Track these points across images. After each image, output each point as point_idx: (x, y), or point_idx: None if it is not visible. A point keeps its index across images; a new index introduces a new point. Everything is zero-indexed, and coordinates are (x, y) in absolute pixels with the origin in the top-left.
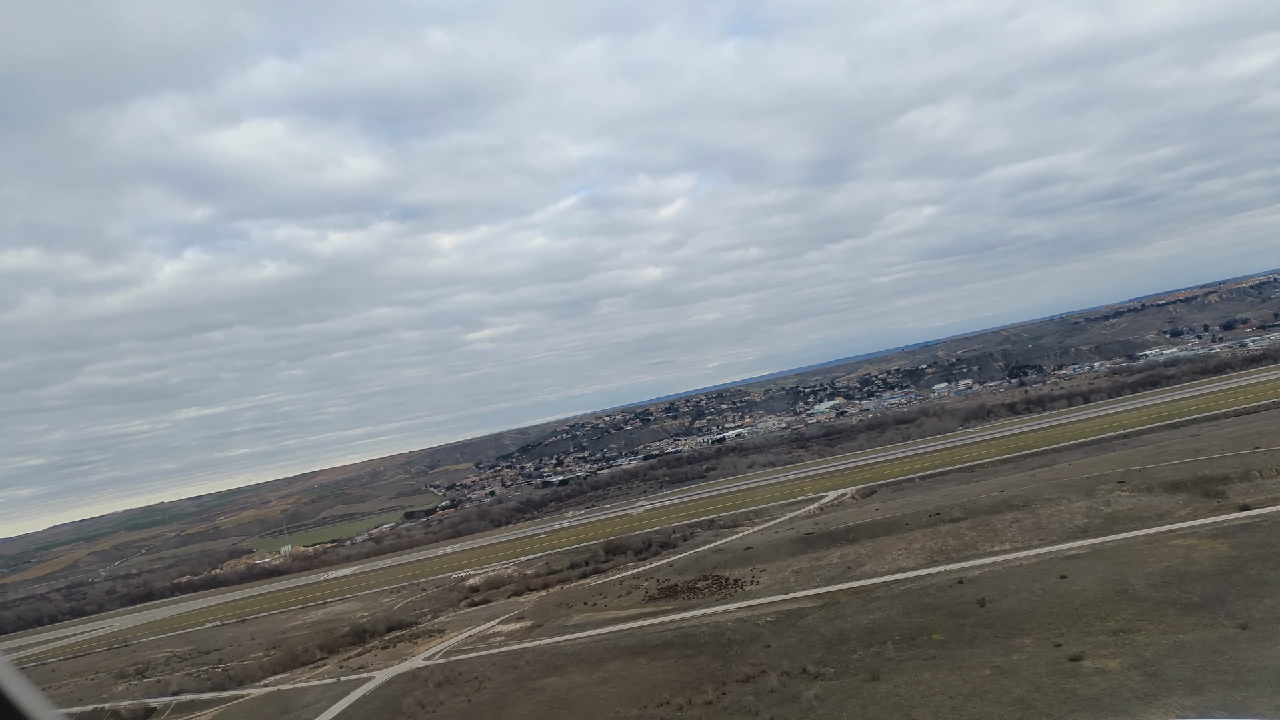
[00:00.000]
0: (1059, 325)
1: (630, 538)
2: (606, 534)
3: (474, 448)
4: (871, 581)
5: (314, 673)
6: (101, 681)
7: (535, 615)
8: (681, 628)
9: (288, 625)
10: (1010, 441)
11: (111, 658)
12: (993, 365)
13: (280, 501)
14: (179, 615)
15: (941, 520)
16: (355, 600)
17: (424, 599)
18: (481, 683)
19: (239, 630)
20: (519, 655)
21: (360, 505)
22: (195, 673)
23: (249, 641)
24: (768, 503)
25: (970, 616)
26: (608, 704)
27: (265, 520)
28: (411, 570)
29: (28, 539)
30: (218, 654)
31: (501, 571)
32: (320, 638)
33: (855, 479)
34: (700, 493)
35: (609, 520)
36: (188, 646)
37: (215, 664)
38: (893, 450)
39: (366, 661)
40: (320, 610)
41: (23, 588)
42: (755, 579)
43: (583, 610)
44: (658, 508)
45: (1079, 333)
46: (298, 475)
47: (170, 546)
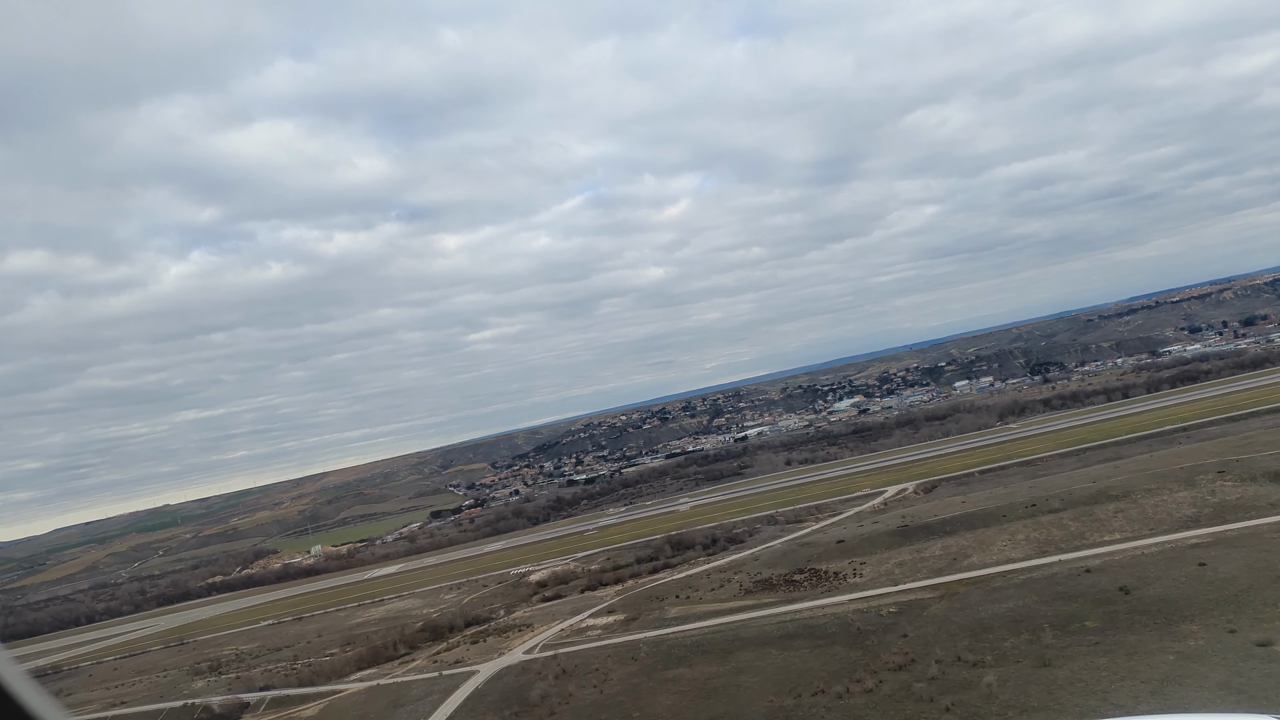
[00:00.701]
0: (1070, 323)
1: (693, 533)
2: (660, 530)
3: (487, 448)
4: (985, 572)
5: (405, 667)
6: (176, 678)
7: (626, 609)
8: (798, 619)
9: (351, 622)
10: (1062, 436)
11: (173, 655)
12: (1013, 362)
13: (293, 503)
14: (226, 614)
15: (1039, 511)
16: (415, 597)
17: (489, 595)
18: (604, 674)
19: (301, 628)
20: (631, 647)
21: (380, 505)
22: (274, 669)
23: (317, 639)
24: (825, 498)
25: (1119, 604)
26: (757, 693)
27: (283, 521)
28: (464, 567)
29: (34, 542)
30: (289, 651)
31: (562, 567)
32: (394, 633)
33: (910, 474)
34: (744, 490)
35: (656, 517)
36: (252, 644)
37: (291, 660)
38: (937, 446)
39: (459, 656)
40: (380, 607)
41: (44, 589)
42: (857, 571)
43: (677, 603)
44: (703, 504)
45: (1093, 330)
46: (306, 477)
47: (189, 548)
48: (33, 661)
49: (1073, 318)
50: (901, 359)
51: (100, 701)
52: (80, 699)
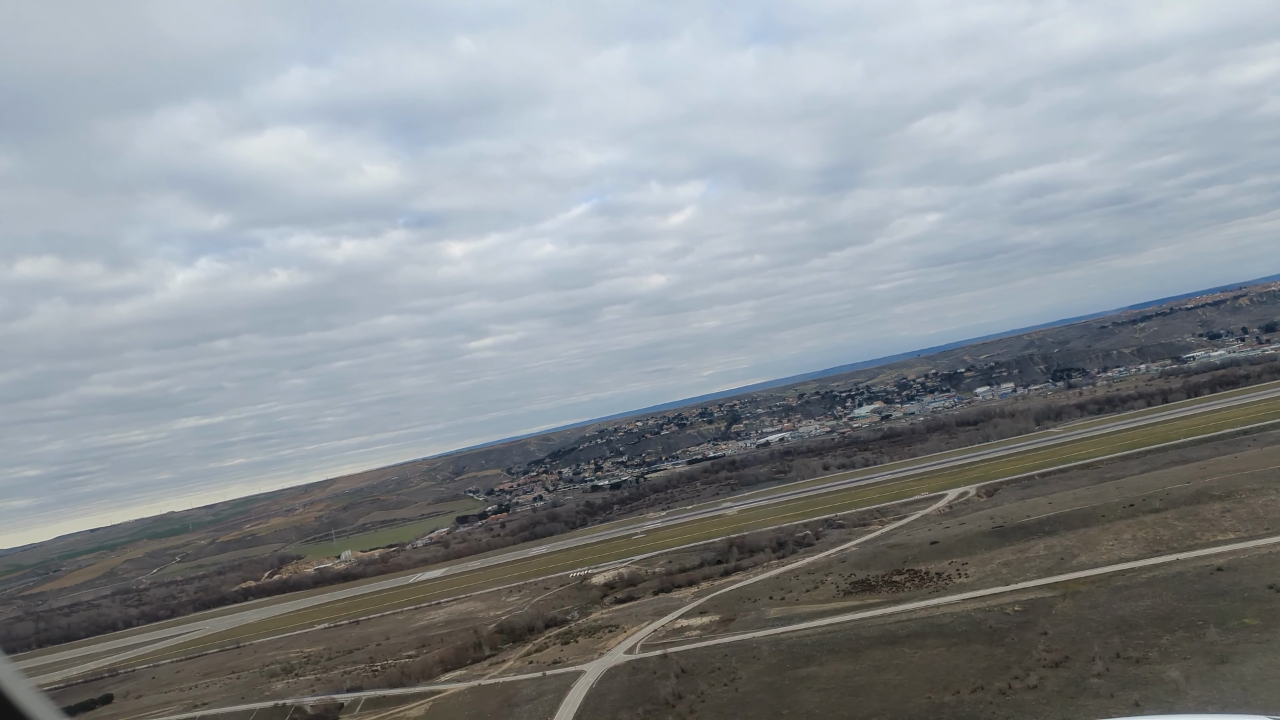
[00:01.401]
0: (1082, 330)
1: (755, 536)
2: (713, 534)
3: (499, 454)
4: (1100, 571)
5: (498, 668)
6: (251, 680)
7: (717, 610)
8: (917, 618)
9: (416, 625)
10: (1116, 439)
11: (233, 658)
12: (1033, 368)
13: (306, 509)
14: (274, 618)
15: (1139, 512)
16: (474, 600)
17: (554, 597)
18: (730, 673)
19: (361, 631)
20: (746, 646)
21: (399, 511)
22: (352, 670)
23: (385, 641)
24: (882, 502)
25: (1274, 602)
26: (909, 690)
27: (301, 527)
28: (515, 571)
29: (39, 549)
30: (361, 653)
31: (625, 570)
32: (469, 635)
33: (965, 478)
34: (788, 494)
35: (704, 521)
36: (315, 647)
37: (369, 662)
38: (980, 450)
39: (554, 656)
40: (439, 610)
41: (64, 595)
42: (960, 572)
43: (772, 604)
44: (750, 509)
45: (1108, 336)
46: (314, 483)
47: (207, 554)
48: (81, 666)
49: (1083, 324)
50: (904, 367)
51: (179, 703)
52: (154, 701)
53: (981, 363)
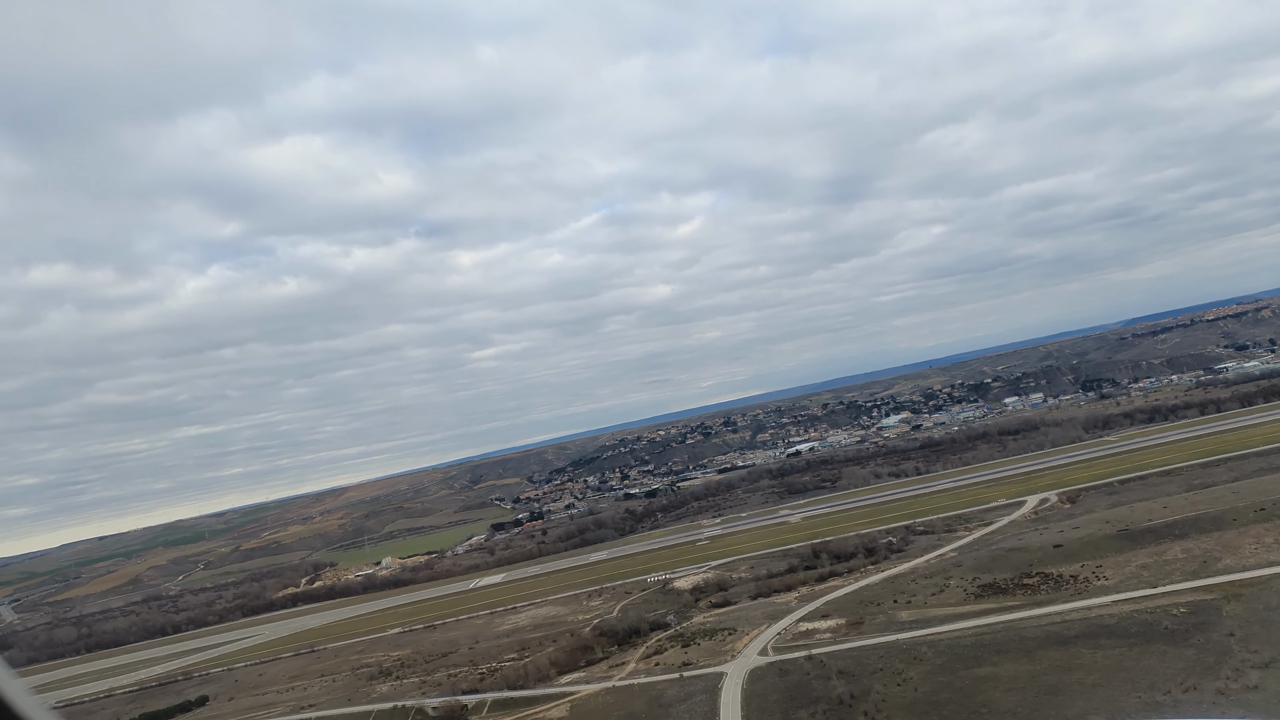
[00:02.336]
0: (1098, 341)
1: (840, 542)
2: (786, 540)
3: (516, 463)
4: (1258, 574)
5: (621, 670)
6: (350, 682)
7: (841, 613)
8: (1075, 619)
9: (500, 628)
10: (1190, 447)
11: (313, 661)
12: (1061, 379)
13: (324, 518)
14: (337, 623)
15: (1272, 516)
16: (553, 605)
17: (641, 601)
18: (896, 674)
19: (442, 635)
20: (897, 648)
21: (425, 519)
22: (456, 673)
23: (476, 644)
24: (958, 509)
25: None
26: (1111, 690)
27: (325, 535)
28: (582, 576)
29: (50, 555)
30: (457, 656)
31: (706, 575)
32: (569, 638)
33: (1038, 485)
34: (848, 502)
35: (768, 528)
36: (400, 650)
37: (471, 665)
38: (1041, 458)
39: (680, 658)
40: (518, 615)
41: (91, 602)
42: (1098, 575)
43: (901, 608)
44: (815, 516)
45: (1128, 348)
46: (326, 491)
47: (232, 561)
48: (147, 670)
49: (1099, 336)
50: (919, 378)
51: (283, 704)
52: (251, 703)
53: (1003, 373)
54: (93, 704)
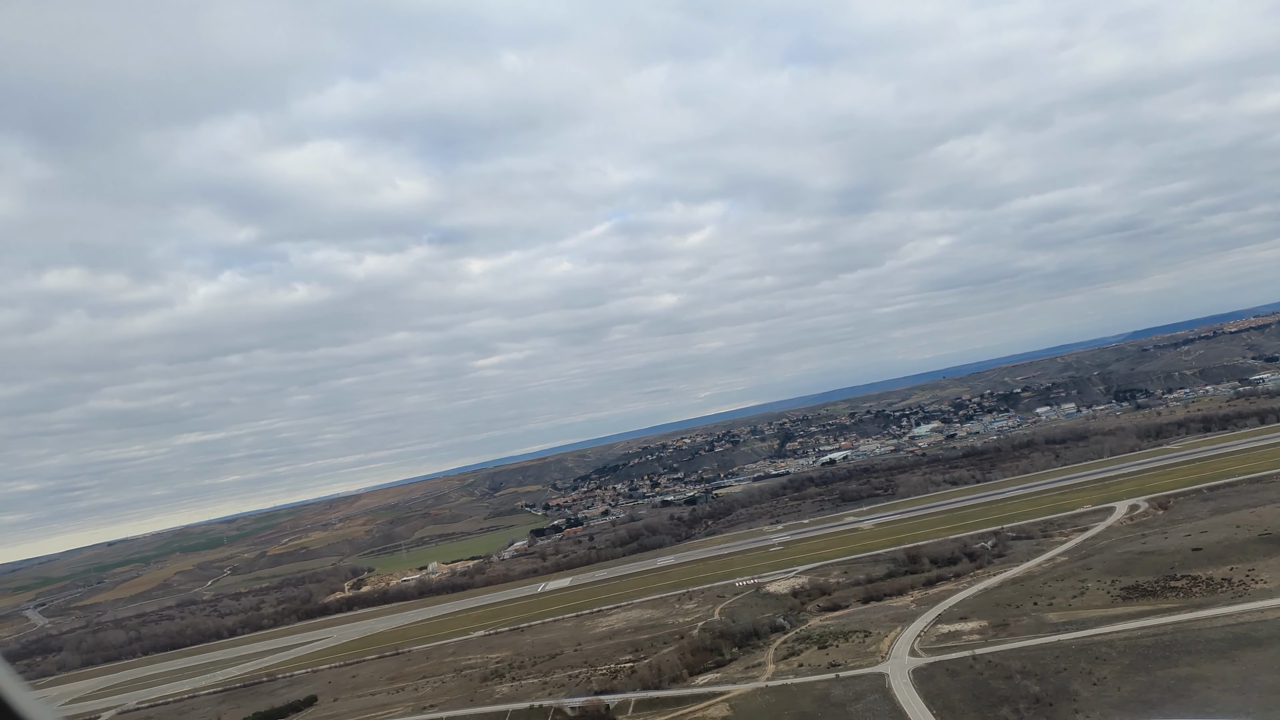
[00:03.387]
0: (1116, 353)
1: (937, 546)
2: (869, 546)
3: (536, 470)
4: None
5: (762, 670)
6: (462, 683)
7: (981, 615)
8: (1253, 620)
9: (596, 630)
10: (1269, 455)
11: (405, 663)
12: (1092, 389)
13: (346, 524)
14: (411, 626)
15: None
16: (643, 608)
17: (739, 605)
18: (1085, 673)
19: (534, 637)
20: (1069, 647)
21: (454, 525)
22: (575, 674)
23: (580, 647)
24: (1041, 515)
25: None
26: None
27: (353, 541)
28: (659, 580)
29: (56, 561)
30: (564, 658)
31: (800, 581)
32: (676, 641)
33: (1119, 492)
34: (917, 509)
35: (841, 534)
36: (498, 653)
37: (586, 666)
38: (1110, 466)
39: (821, 660)
40: (608, 617)
41: (126, 606)
42: (1253, 578)
43: (1043, 610)
44: (886, 522)
45: (1150, 359)
46: (337, 498)
47: (260, 566)
48: (224, 671)
49: (1117, 348)
50: (936, 387)
51: (401, 704)
52: (360, 704)
53: (1022, 384)
54: (177, 704)
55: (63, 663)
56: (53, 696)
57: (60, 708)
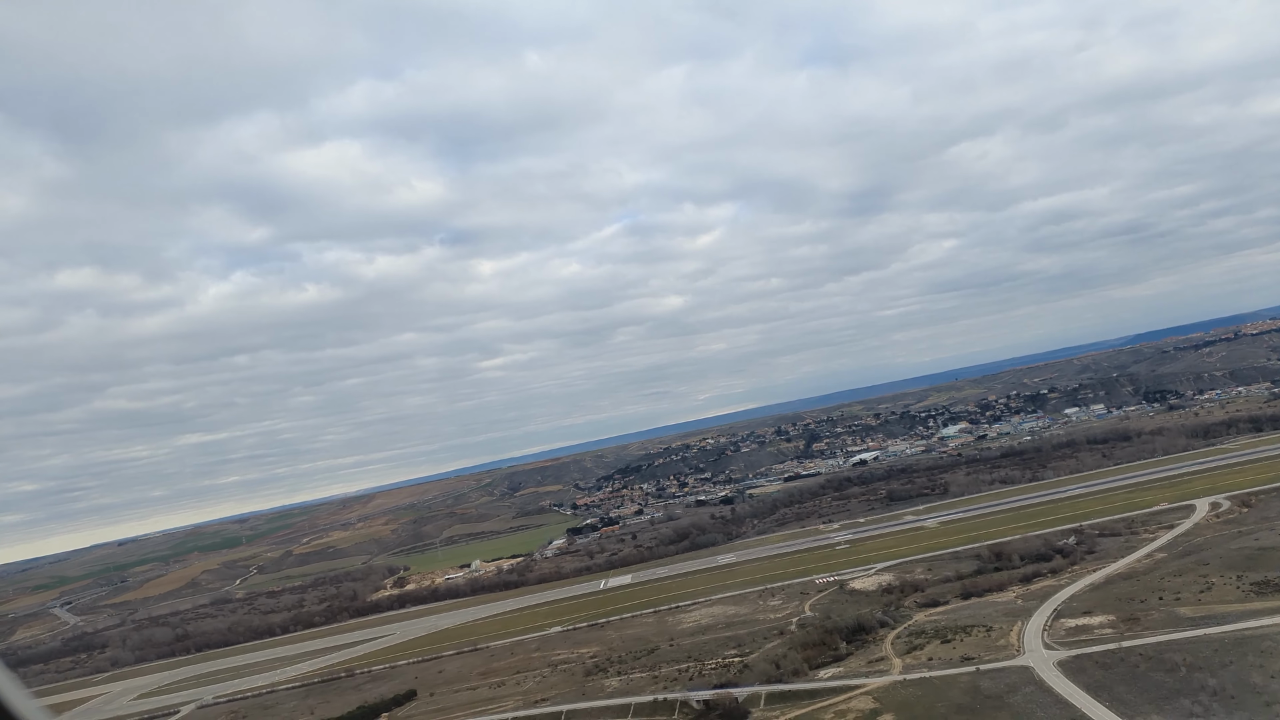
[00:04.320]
0: (1132, 355)
1: (1024, 542)
2: (942, 545)
3: (556, 470)
4: None
5: (890, 664)
6: (564, 677)
7: (1108, 610)
8: None
9: (683, 626)
10: None
11: (490, 659)
12: (1120, 390)
13: (368, 524)
14: (475, 623)
15: None
16: (725, 604)
17: (829, 600)
18: (1258, 667)
19: (617, 633)
20: (1216, 640)
21: (482, 525)
22: (685, 668)
23: (674, 642)
24: (1120, 513)
25: None
26: None
27: (380, 540)
28: (730, 577)
29: (70, 560)
30: (664, 653)
31: (883, 578)
32: (776, 636)
33: (1192, 490)
34: (979, 508)
35: (906, 533)
36: (587, 648)
37: (696, 661)
38: (1171, 464)
39: (949, 654)
40: (688, 614)
41: (158, 604)
42: None
43: (1170, 604)
44: (951, 520)
45: (1171, 361)
46: (350, 497)
47: (288, 565)
48: (294, 667)
49: (1134, 349)
50: (953, 389)
51: (509, 698)
52: (466, 698)
53: (1041, 385)
54: (256, 699)
55: (115, 659)
56: (117, 692)
57: (130, 702)
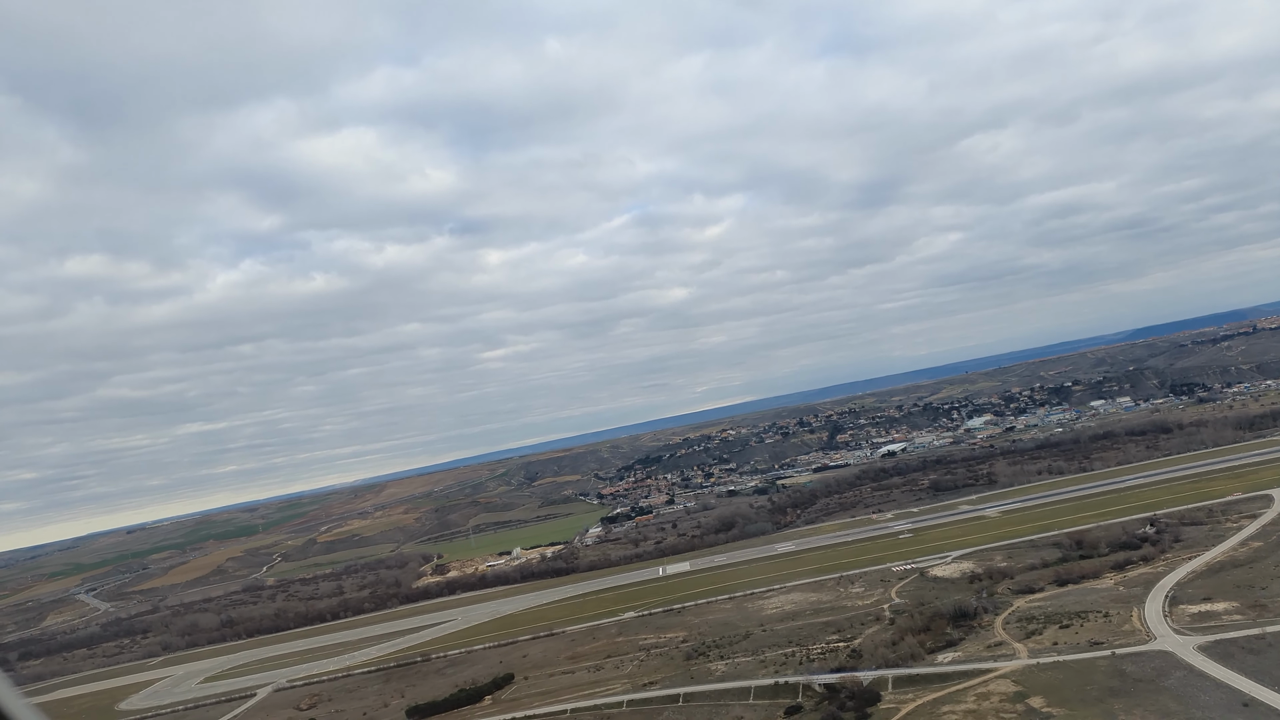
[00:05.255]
0: (1147, 349)
1: (1104, 529)
2: (1018, 533)
3: (572, 461)
4: None
5: (1011, 649)
6: (664, 660)
7: (1227, 597)
8: None
9: (766, 613)
10: None
11: (569, 644)
12: (1146, 383)
13: (386, 513)
14: (543, 607)
15: None
16: (804, 591)
17: (915, 587)
18: None
19: (698, 618)
20: None
21: (508, 513)
22: (790, 653)
23: (764, 627)
24: (1193, 502)
25: None
26: None
27: (405, 528)
28: (795, 565)
29: (81, 547)
30: (764, 638)
31: (965, 565)
32: (869, 621)
33: (1264, 480)
34: (1036, 497)
35: (967, 522)
36: (673, 633)
37: (795, 645)
38: (1230, 455)
39: (1068, 639)
40: (767, 600)
41: (188, 591)
42: None
43: None
44: (1013, 510)
45: (1188, 355)
46: (362, 486)
47: (315, 553)
48: (363, 652)
49: (1148, 344)
50: (968, 381)
51: (613, 681)
52: (563, 682)
53: (1056, 379)
54: (332, 682)
55: (166, 644)
56: (179, 675)
57: (198, 685)
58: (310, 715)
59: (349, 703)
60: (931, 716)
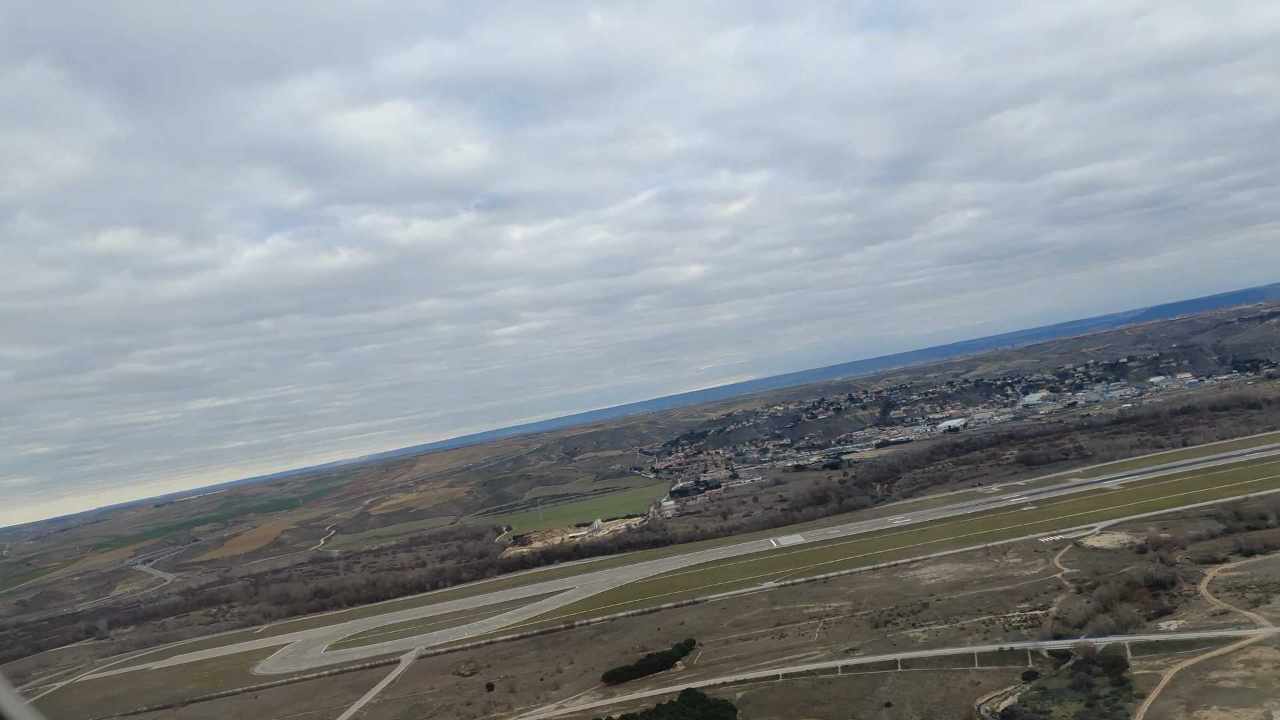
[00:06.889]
0: (1187, 325)
1: (1261, 500)
2: (1155, 505)
3: (611, 436)
4: None
5: (1241, 618)
6: (850, 629)
7: None
8: None
9: (924, 584)
10: None
11: (720, 613)
12: (1204, 358)
13: (430, 486)
14: (662, 576)
15: None
16: (952, 562)
17: (1075, 558)
18: None
19: (850, 588)
20: None
21: (564, 486)
22: (994, 620)
23: (933, 597)
24: None
25: None
26: None
27: (459, 501)
28: (921, 538)
29: (110, 519)
30: (946, 607)
31: (1119, 536)
32: (1053, 590)
33: None
34: (1150, 470)
35: (1087, 495)
36: (840, 601)
37: (990, 614)
38: None
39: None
40: (918, 571)
41: (243, 563)
42: None
43: None
44: (1133, 482)
45: (1236, 331)
46: (394, 459)
47: (370, 526)
48: (493, 619)
49: (1188, 320)
50: (987, 360)
51: (811, 648)
52: (746, 649)
53: (1096, 356)
54: (476, 650)
55: (266, 612)
56: (299, 643)
57: (325, 652)
58: (482, 680)
59: (512, 669)
60: (1201, 683)
